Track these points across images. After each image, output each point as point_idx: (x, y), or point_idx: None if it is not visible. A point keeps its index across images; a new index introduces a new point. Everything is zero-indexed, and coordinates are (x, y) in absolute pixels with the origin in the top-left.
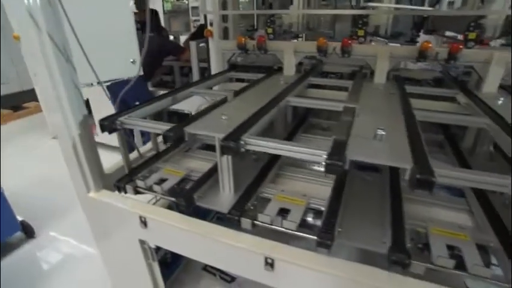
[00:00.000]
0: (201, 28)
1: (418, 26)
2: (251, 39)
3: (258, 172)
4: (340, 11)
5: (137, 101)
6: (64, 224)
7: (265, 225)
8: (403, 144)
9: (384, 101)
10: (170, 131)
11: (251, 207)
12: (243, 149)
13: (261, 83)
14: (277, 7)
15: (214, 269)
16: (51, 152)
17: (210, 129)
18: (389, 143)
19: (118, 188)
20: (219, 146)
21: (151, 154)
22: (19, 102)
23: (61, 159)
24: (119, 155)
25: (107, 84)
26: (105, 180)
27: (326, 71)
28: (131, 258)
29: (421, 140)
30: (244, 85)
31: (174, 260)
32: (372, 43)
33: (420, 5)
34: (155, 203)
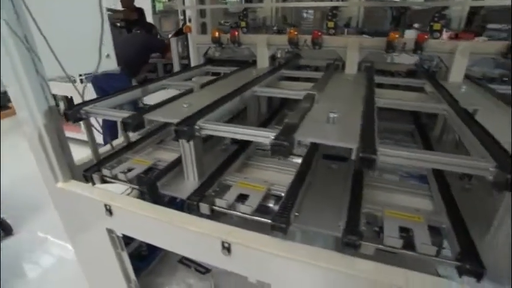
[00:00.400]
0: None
1: (397, 21)
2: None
3: (224, 160)
4: (310, 4)
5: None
6: (43, 221)
7: (222, 209)
8: (355, 127)
9: (349, 90)
10: (129, 118)
11: (212, 193)
12: (198, 134)
13: (232, 75)
14: (257, 1)
15: (189, 261)
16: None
17: (169, 116)
18: (341, 126)
19: (86, 178)
20: (174, 131)
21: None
22: (5, 101)
23: None
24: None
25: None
26: (75, 171)
27: (303, 65)
28: (101, 248)
29: (374, 124)
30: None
31: (150, 253)
32: None
33: None
34: (129, 194)
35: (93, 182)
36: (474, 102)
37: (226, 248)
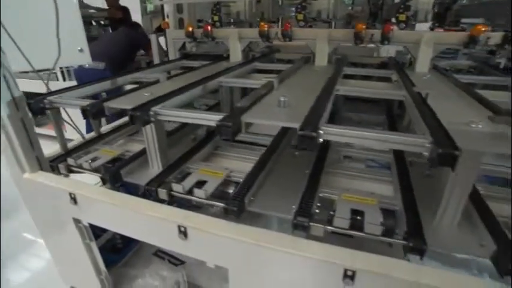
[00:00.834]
0: None
1: (374, 16)
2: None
3: (189, 149)
4: None
5: (103, 92)
6: (22, 217)
7: (179, 195)
8: (304, 110)
9: (312, 80)
10: (88, 105)
11: (173, 180)
12: (153, 119)
13: (203, 68)
14: None
15: (164, 254)
16: None
17: (128, 103)
18: (291, 109)
19: (52, 168)
20: (129, 116)
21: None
22: None
23: None
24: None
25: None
26: (45, 163)
27: (279, 59)
28: (70, 240)
29: (324, 108)
30: None
31: (125, 246)
32: None
33: None
34: (101, 186)
35: (59, 172)
36: (431, 87)
37: (182, 233)
